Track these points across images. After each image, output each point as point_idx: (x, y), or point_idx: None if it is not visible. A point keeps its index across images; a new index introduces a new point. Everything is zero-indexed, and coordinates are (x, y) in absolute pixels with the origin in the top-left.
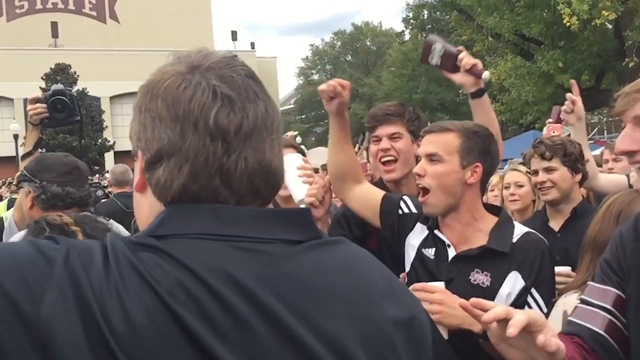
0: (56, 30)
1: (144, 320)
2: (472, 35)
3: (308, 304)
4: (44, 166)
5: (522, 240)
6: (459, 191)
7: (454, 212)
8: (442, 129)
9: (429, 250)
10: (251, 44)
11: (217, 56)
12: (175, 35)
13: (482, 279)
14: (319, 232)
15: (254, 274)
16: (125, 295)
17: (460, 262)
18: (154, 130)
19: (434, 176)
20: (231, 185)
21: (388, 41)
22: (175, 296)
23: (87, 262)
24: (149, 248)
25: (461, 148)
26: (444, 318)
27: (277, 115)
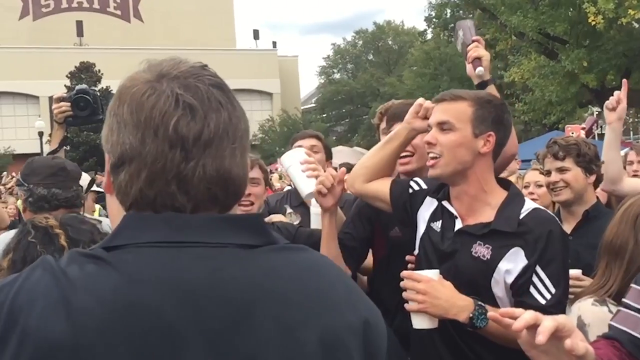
0: (81, 29)
1: (61, 338)
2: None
3: (258, 308)
4: (31, 170)
5: (529, 216)
6: (470, 160)
7: (463, 183)
8: (454, 97)
9: (437, 222)
10: (273, 42)
11: (186, 65)
12: (197, 34)
13: (482, 251)
14: (274, 238)
15: (204, 279)
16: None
17: (465, 234)
18: (119, 134)
19: (445, 145)
20: (188, 191)
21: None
22: (109, 314)
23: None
24: (96, 260)
25: (474, 117)
26: (428, 308)
27: (241, 124)
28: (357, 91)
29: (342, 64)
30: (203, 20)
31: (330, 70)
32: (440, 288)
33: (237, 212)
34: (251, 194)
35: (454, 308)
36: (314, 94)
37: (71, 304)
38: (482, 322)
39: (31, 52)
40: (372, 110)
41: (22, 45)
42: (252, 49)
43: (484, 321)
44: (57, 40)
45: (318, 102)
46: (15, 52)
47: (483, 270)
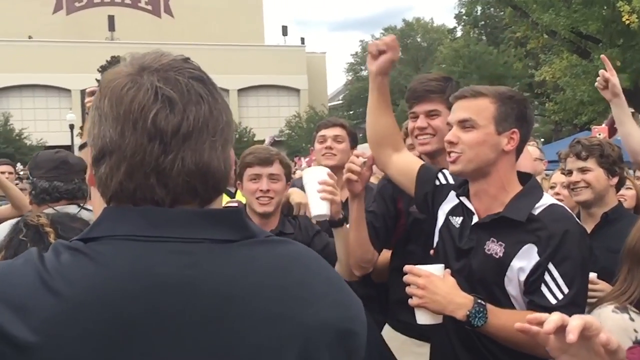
0: (113, 24)
1: (41, 328)
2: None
3: (232, 303)
4: (35, 164)
5: (544, 211)
6: (494, 158)
7: (484, 181)
8: (475, 93)
9: (457, 218)
10: (301, 39)
11: (168, 58)
12: (227, 30)
13: (495, 248)
14: (253, 232)
15: (177, 274)
16: (32, 309)
17: (479, 230)
18: (100, 128)
19: (468, 143)
20: (167, 184)
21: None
22: (82, 302)
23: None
24: (73, 251)
25: (497, 113)
26: (426, 303)
27: (223, 117)
28: None
29: None
30: (232, 16)
31: (358, 67)
32: (439, 283)
33: (227, 206)
34: (270, 190)
35: (452, 305)
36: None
37: (48, 293)
38: (480, 321)
39: (64, 46)
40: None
41: (55, 39)
42: (280, 45)
43: (481, 320)
44: (89, 35)
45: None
46: (49, 46)
47: (496, 268)
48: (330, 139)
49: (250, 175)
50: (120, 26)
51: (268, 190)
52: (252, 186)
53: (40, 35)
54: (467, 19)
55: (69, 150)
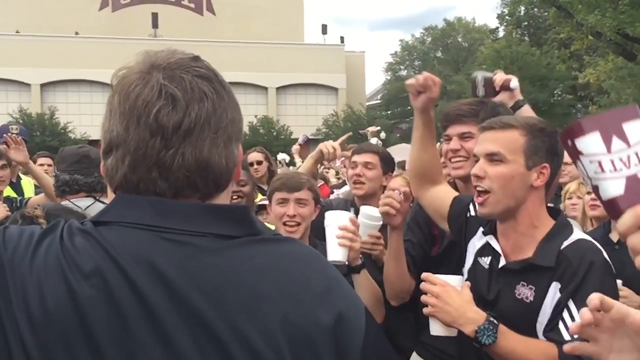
0: (156, 21)
1: (54, 307)
2: (570, 33)
3: (227, 297)
4: (60, 158)
5: (569, 248)
6: (522, 195)
7: (512, 220)
8: (504, 125)
9: (485, 259)
10: (340, 37)
11: (177, 57)
12: (267, 28)
13: (526, 293)
14: (257, 229)
15: (177, 265)
16: (45, 282)
17: (507, 274)
18: (110, 122)
19: (495, 178)
20: (168, 177)
21: (480, 38)
22: (89, 281)
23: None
24: (84, 234)
25: (527, 147)
26: (437, 312)
27: (227, 114)
28: None
29: (410, 60)
30: (273, 14)
31: (397, 66)
32: (454, 295)
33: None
34: (297, 215)
35: (462, 318)
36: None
37: (62, 276)
38: (488, 339)
39: (108, 42)
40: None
41: (100, 35)
42: (319, 44)
43: (490, 338)
44: (133, 32)
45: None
46: (94, 42)
47: (527, 314)
48: (361, 166)
49: (277, 199)
50: (163, 23)
51: (295, 215)
52: (279, 210)
53: (86, 31)
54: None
55: None
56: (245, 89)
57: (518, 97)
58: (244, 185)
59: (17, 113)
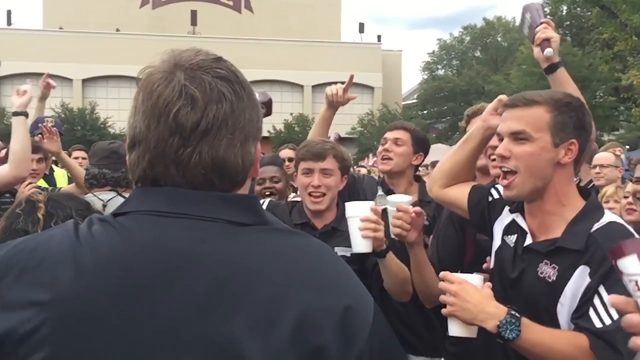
0: (195, 19)
1: (69, 288)
2: (614, 33)
3: (234, 280)
4: (92, 152)
5: (600, 231)
6: (550, 174)
7: (540, 199)
8: (527, 102)
9: (511, 237)
10: (378, 36)
11: (199, 57)
12: (304, 26)
13: (549, 272)
14: (267, 219)
15: (188, 248)
16: (59, 266)
17: (532, 253)
18: (134, 118)
19: (521, 158)
20: (185, 175)
21: (520, 37)
22: (105, 265)
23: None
24: (103, 222)
25: (552, 123)
26: (456, 311)
27: (244, 115)
28: (461, 88)
29: (447, 60)
30: (310, 13)
31: (434, 66)
32: (472, 291)
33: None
34: (322, 185)
35: (482, 314)
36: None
37: (77, 257)
38: (512, 334)
39: (148, 39)
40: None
41: (141, 32)
42: (356, 42)
43: (513, 332)
44: (173, 29)
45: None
46: (134, 39)
47: (548, 294)
48: (390, 142)
49: (303, 169)
50: (201, 21)
51: (319, 186)
52: (305, 180)
53: (127, 28)
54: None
55: None
56: (281, 87)
57: (553, 60)
58: (277, 181)
59: (60, 107)
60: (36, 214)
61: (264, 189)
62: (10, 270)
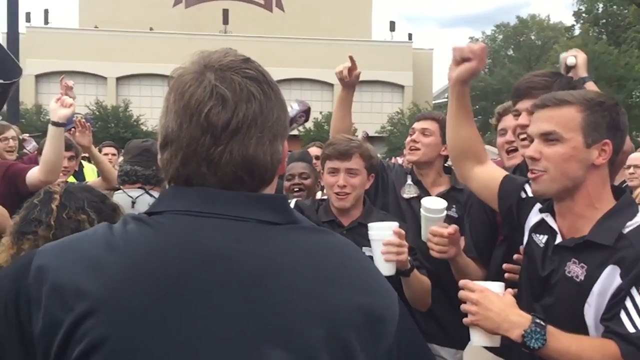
0: (227, 17)
1: (109, 287)
2: None
3: (268, 279)
4: (126, 149)
5: (634, 231)
6: (582, 175)
7: (570, 200)
8: (559, 101)
9: (541, 236)
10: (408, 35)
11: (229, 58)
12: (335, 25)
13: (576, 271)
14: (296, 218)
15: (223, 247)
16: (97, 266)
17: (562, 251)
18: (166, 118)
19: (552, 159)
20: (216, 173)
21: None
22: (141, 261)
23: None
24: (138, 221)
25: (585, 124)
26: (479, 320)
27: (273, 114)
28: (493, 87)
29: None
30: (341, 11)
31: None
32: (495, 299)
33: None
34: (347, 185)
35: (506, 322)
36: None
37: (113, 254)
38: (537, 343)
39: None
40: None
41: (173, 31)
42: (386, 41)
43: (539, 341)
44: (205, 27)
45: None
46: (167, 38)
47: (576, 294)
48: (418, 132)
49: (328, 168)
50: (233, 19)
51: (345, 186)
52: (330, 179)
53: (160, 27)
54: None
55: None
56: (311, 86)
57: (581, 75)
58: (306, 178)
59: (94, 105)
60: (50, 205)
61: (293, 185)
62: (55, 269)
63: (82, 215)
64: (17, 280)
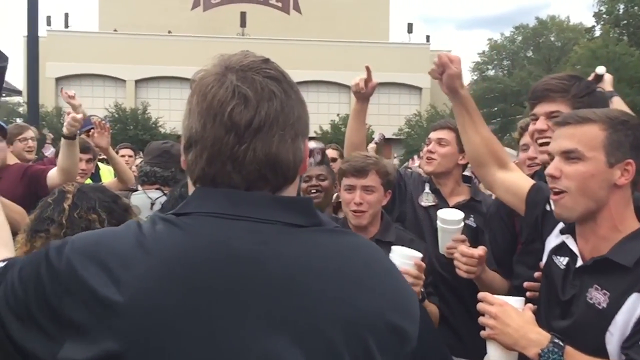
0: (244, 20)
1: (140, 287)
2: None
3: (295, 281)
4: (147, 151)
5: None
6: (604, 195)
7: (592, 221)
8: (581, 119)
9: (561, 258)
10: (426, 36)
11: (249, 60)
12: (352, 27)
13: (599, 298)
14: (321, 220)
15: (250, 249)
16: (130, 264)
17: (583, 275)
18: (189, 120)
19: (573, 178)
20: (241, 171)
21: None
22: (172, 262)
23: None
24: (166, 222)
25: (607, 142)
26: (496, 335)
27: (294, 112)
28: (512, 89)
29: (498, 60)
30: (359, 13)
31: (484, 66)
32: (514, 315)
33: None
34: (363, 203)
35: (524, 340)
36: None
37: (144, 254)
38: None
39: (199, 41)
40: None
41: (191, 34)
42: (404, 43)
43: None
44: (223, 30)
45: None
46: (186, 41)
47: (598, 322)
48: (434, 142)
49: (345, 185)
50: (250, 22)
51: (361, 203)
52: (347, 197)
53: (179, 30)
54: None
55: None
56: (328, 88)
57: (608, 89)
58: (323, 179)
59: (113, 108)
60: (63, 204)
61: (310, 186)
62: (85, 262)
63: (93, 215)
64: (50, 264)
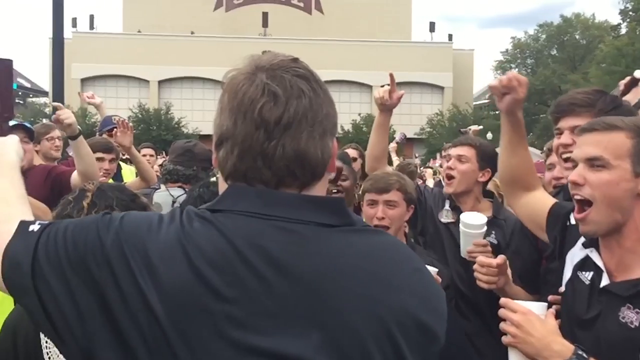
0: (266, 20)
1: (179, 282)
2: None
3: (327, 281)
4: (171, 150)
5: None
6: (629, 205)
7: (617, 233)
8: (607, 126)
9: (586, 274)
10: (449, 35)
11: (279, 59)
12: (375, 26)
13: (631, 317)
14: (353, 220)
15: (284, 249)
16: (169, 259)
17: (611, 295)
18: (220, 118)
19: (597, 186)
20: (270, 167)
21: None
22: (209, 260)
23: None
24: (202, 219)
25: (634, 151)
26: (519, 343)
27: (322, 110)
28: (536, 88)
29: (521, 58)
30: (381, 12)
31: (507, 65)
32: (537, 324)
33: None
34: (385, 217)
35: (547, 350)
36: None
37: (184, 250)
38: None
39: (221, 41)
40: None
41: (214, 34)
42: (426, 42)
43: None
44: (245, 30)
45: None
46: (208, 41)
47: (630, 340)
48: (454, 159)
49: (367, 200)
50: (272, 22)
51: (383, 218)
52: (370, 212)
53: (201, 31)
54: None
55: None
56: (349, 87)
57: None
58: (344, 179)
59: (137, 108)
60: (82, 202)
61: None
62: (134, 250)
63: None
64: (100, 240)
